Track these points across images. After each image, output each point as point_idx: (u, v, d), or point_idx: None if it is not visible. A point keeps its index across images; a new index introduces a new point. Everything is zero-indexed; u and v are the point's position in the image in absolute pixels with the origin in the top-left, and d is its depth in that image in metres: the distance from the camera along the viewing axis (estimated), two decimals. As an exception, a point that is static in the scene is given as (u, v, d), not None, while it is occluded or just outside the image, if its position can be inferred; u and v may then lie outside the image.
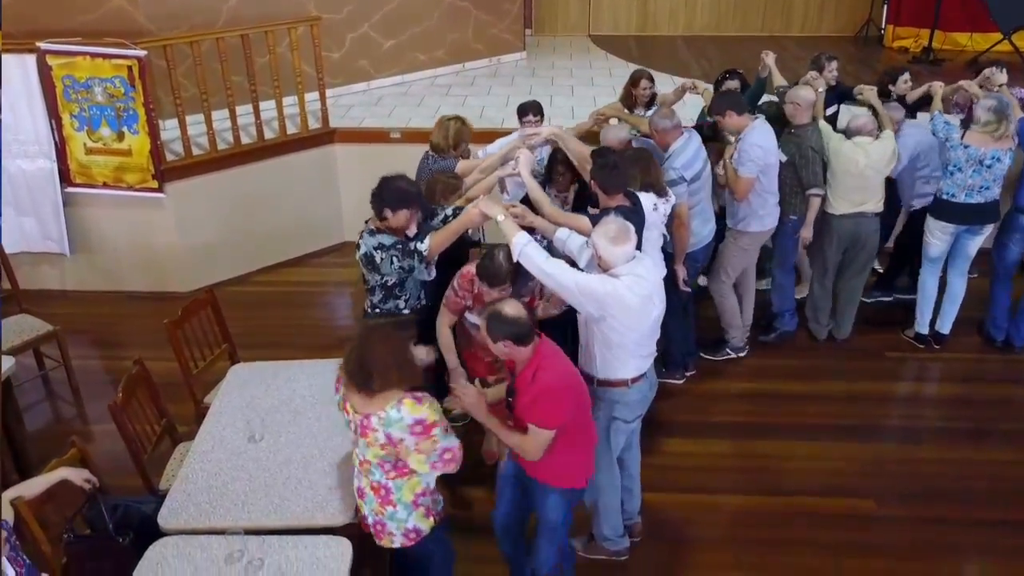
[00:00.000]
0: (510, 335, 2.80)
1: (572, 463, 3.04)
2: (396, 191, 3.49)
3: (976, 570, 3.72)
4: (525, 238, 3.24)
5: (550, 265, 3.16)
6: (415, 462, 2.68)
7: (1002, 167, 4.78)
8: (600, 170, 3.69)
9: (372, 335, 2.77)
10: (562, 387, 2.85)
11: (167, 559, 2.80)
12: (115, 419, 3.35)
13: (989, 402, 4.83)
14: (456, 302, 3.67)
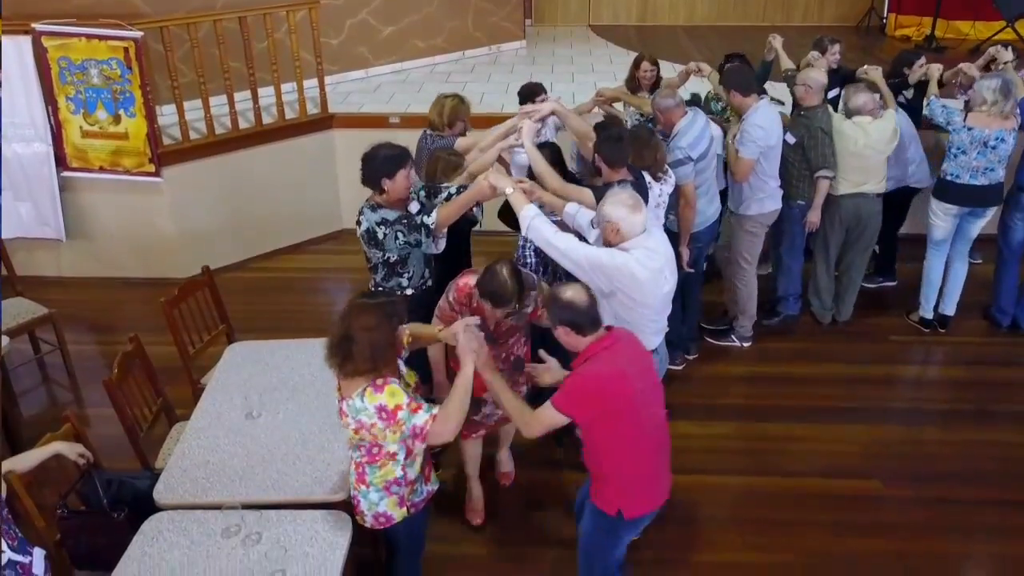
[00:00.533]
0: (567, 321, 2.64)
1: (607, 482, 2.78)
2: (386, 157, 3.43)
3: (984, 550, 3.66)
4: (533, 211, 3.20)
5: (558, 238, 3.11)
6: (391, 442, 2.63)
7: (1006, 147, 4.73)
8: (605, 143, 3.64)
9: (356, 313, 2.62)
10: (596, 386, 2.60)
11: (163, 533, 2.75)
12: (110, 396, 3.29)
13: (995, 384, 4.78)
14: (450, 317, 3.22)
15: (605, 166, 3.65)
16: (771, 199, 4.68)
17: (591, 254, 3.05)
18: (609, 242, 3.10)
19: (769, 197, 4.66)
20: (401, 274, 3.61)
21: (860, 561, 3.58)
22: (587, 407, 2.63)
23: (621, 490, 2.75)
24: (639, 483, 2.75)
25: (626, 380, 2.60)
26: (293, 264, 6.25)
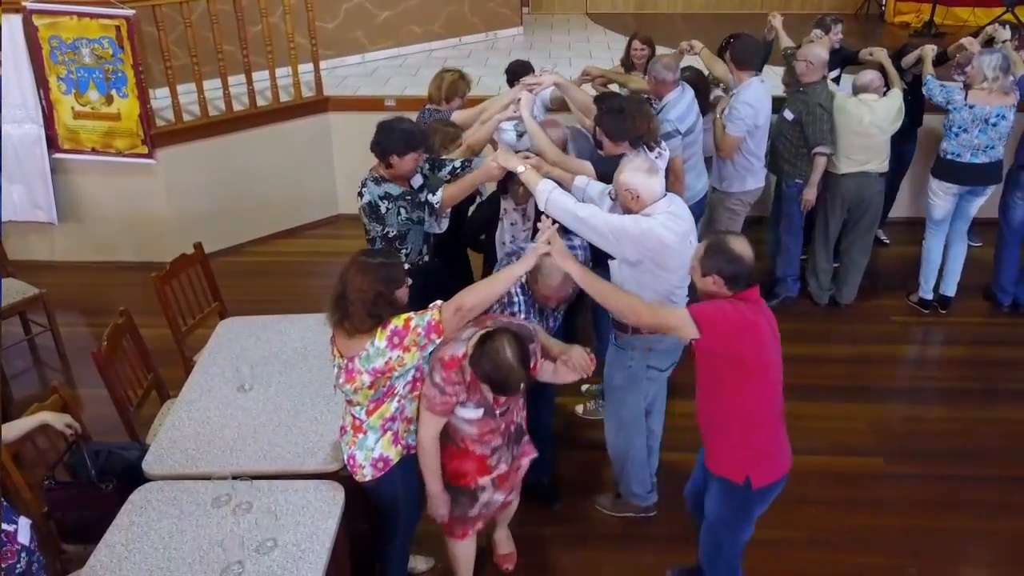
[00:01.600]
0: (728, 274, 2.52)
1: (733, 447, 2.67)
2: (403, 133, 3.36)
3: (987, 526, 3.61)
4: (550, 185, 3.13)
5: (581, 209, 3.04)
6: (411, 362, 2.57)
7: (1007, 124, 4.68)
8: (607, 115, 3.57)
9: (353, 273, 2.57)
10: (737, 318, 2.49)
11: (152, 503, 2.69)
12: (99, 368, 3.23)
13: (997, 363, 4.74)
14: (444, 403, 2.63)
15: (607, 139, 3.58)
16: (753, 177, 4.63)
17: (614, 222, 2.98)
18: (629, 210, 3.03)
19: (752, 175, 4.62)
20: (399, 249, 3.55)
21: (865, 536, 3.53)
22: (718, 331, 2.50)
23: (747, 456, 2.66)
24: (765, 448, 2.67)
25: (764, 335, 2.55)
26: (288, 248, 6.19)
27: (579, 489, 3.79)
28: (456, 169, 3.61)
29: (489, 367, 2.49)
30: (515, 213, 3.82)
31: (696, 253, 2.64)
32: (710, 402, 2.69)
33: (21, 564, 2.40)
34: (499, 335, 2.52)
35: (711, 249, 2.57)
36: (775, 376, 2.63)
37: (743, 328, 2.51)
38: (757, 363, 2.55)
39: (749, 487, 2.66)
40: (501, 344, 2.48)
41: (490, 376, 2.51)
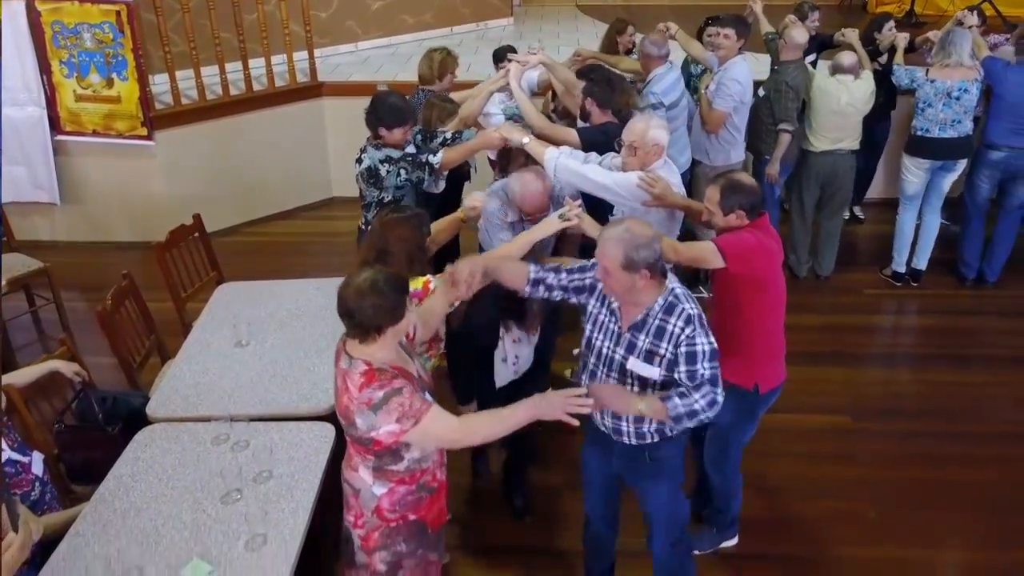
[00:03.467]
0: (746, 206, 2.80)
1: (745, 356, 2.91)
2: (392, 108, 3.54)
3: (945, 476, 3.80)
4: (556, 151, 3.31)
5: (587, 169, 3.25)
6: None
7: (970, 98, 4.88)
8: (598, 85, 3.77)
9: (391, 227, 2.80)
10: (759, 247, 2.79)
11: (156, 441, 2.87)
12: (103, 326, 3.42)
13: (965, 331, 4.94)
14: (413, 403, 2.24)
15: (596, 108, 3.77)
16: (736, 151, 4.84)
17: (619, 178, 3.21)
18: (645, 164, 3.24)
19: (735, 149, 4.82)
20: None
21: (828, 485, 3.72)
22: (743, 261, 2.79)
23: (758, 363, 2.97)
24: (774, 354, 3.01)
25: (776, 255, 2.90)
26: (284, 229, 6.37)
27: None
28: (447, 140, 3.79)
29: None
30: (513, 338, 3.36)
31: (712, 197, 2.87)
32: (728, 319, 2.93)
33: (35, 492, 2.60)
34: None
35: (728, 189, 2.82)
36: (782, 289, 2.97)
37: (761, 252, 2.82)
38: (772, 280, 2.87)
39: (757, 392, 2.98)
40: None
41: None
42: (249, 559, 2.38)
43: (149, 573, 2.31)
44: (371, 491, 2.33)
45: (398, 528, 2.34)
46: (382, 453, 2.25)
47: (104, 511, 2.57)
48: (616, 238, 2.37)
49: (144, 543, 2.41)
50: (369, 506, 2.34)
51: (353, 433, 2.26)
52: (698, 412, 2.42)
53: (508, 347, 3.27)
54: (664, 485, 2.76)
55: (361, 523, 2.38)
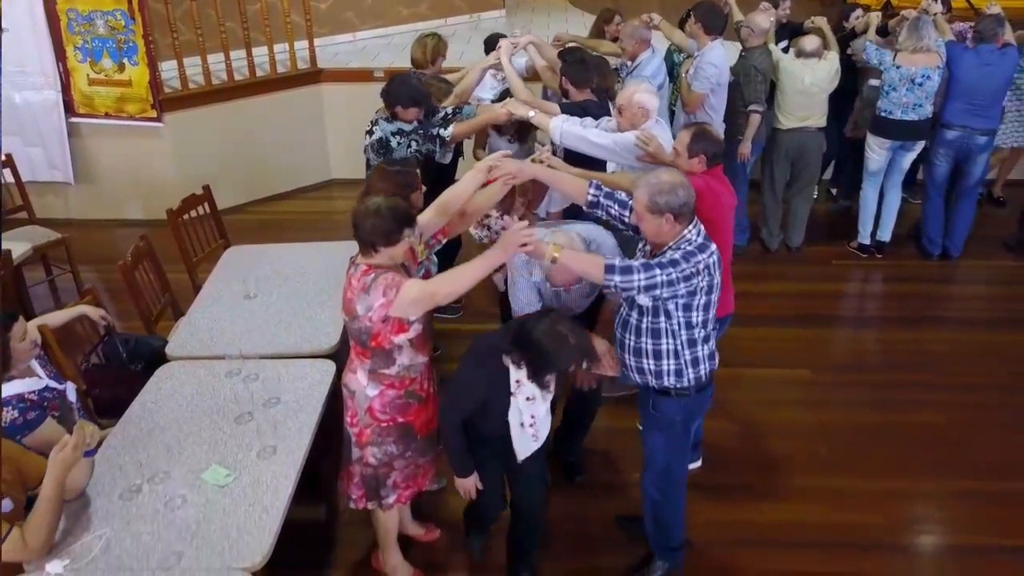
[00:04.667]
0: (709, 153, 3.10)
1: None
2: (412, 90, 3.89)
3: (893, 419, 4.12)
4: (559, 119, 3.64)
5: (589, 132, 3.60)
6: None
7: (932, 84, 5.22)
8: (570, 66, 4.12)
9: (379, 173, 3.17)
10: (708, 190, 2.98)
11: (175, 375, 3.22)
12: (124, 279, 3.76)
13: (923, 296, 5.29)
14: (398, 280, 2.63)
15: (572, 87, 4.12)
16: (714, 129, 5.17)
17: (617, 138, 3.55)
18: (635, 125, 3.58)
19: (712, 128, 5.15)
20: None
21: (784, 429, 4.07)
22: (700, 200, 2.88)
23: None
24: (725, 288, 3.10)
25: (722, 199, 3.13)
26: (285, 208, 6.70)
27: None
28: (448, 115, 4.10)
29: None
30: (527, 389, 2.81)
31: (683, 140, 3.18)
32: None
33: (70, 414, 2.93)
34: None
35: (697, 136, 3.16)
36: (729, 234, 3.27)
37: (707, 193, 3.01)
38: (718, 219, 3.03)
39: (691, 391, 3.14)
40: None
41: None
42: (261, 465, 2.72)
43: (175, 475, 2.65)
44: (365, 392, 2.69)
45: (388, 429, 2.70)
46: (377, 353, 2.61)
47: (131, 429, 2.91)
48: (645, 183, 2.67)
49: (168, 453, 2.74)
50: (363, 406, 2.70)
51: (354, 327, 2.62)
52: (612, 267, 2.60)
53: (522, 406, 2.73)
54: (660, 437, 2.98)
55: (356, 421, 2.75)
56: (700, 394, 2.91)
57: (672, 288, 2.61)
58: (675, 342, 2.76)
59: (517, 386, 2.65)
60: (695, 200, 2.70)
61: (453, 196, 3.00)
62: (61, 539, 2.41)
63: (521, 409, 2.70)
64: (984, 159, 5.49)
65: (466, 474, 2.82)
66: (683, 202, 2.63)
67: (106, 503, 2.57)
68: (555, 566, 3.30)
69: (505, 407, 2.69)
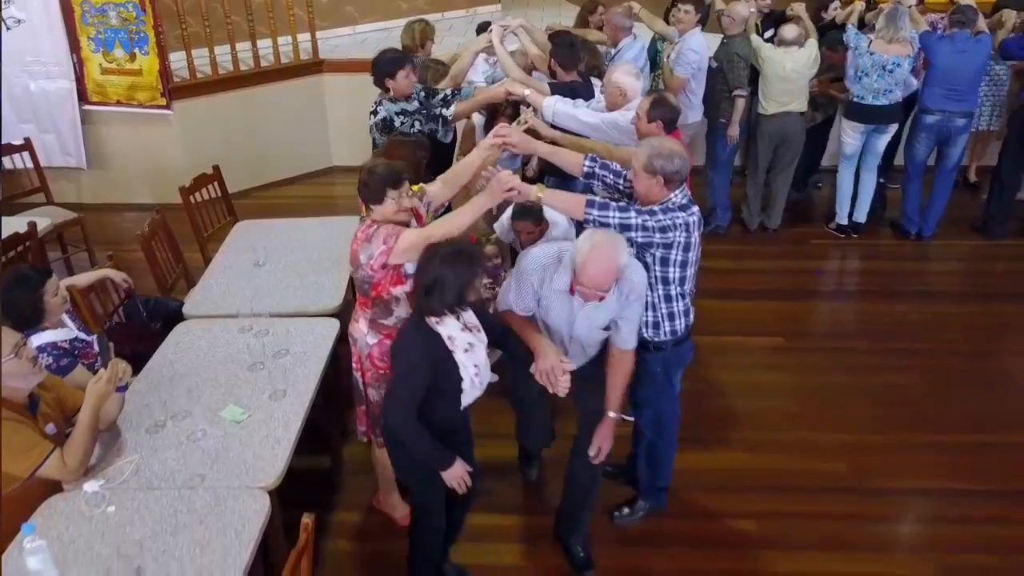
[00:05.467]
0: (666, 119, 3.35)
1: None
2: (385, 60, 4.11)
3: (862, 380, 4.41)
4: (552, 99, 3.89)
5: (579, 111, 3.86)
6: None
7: (902, 72, 5.50)
8: (559, 48, 4.40)
9: (398, 142, 3.56)
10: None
11: (192, 331, 3.49)
12: (143, 249, 4.03)
13: (898, 272, 5.58)
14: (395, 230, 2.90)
15: (560, 68, 4.40)
16: (693, 112, 5.47)
17: (606, 118, 3.82)
18: (616, 105, 3.84)
19: (692, 111, 5.44)
20: None
21: (759, 390, 4.35)
22: None
23: None
24: None
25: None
26: (288, 193, 6.97)
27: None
28: (447, 96, 4.33)
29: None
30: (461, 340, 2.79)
31: (642, 106, 3.46)
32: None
33: (98, 364, 3.21)
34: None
35: (656, 103, 3.43)
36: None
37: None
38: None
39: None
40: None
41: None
42: (273, 406, 2.99)
43: (196, 413, 2.92)
44: (366, 340, 2.98)
45: (385, 375, 2.98)
46: (377, 303, 2.89)
47: (153, 376, 3.19)
48: (648, 144, 2.88)
49: (189, 395, 3.01)
50: (364, 353, 3.00)
51: (358, 276, 2.91)
52: (592, 202, 2.82)
53: (464, 359, 2.68)
54: (646, 387, 3.20)
55: (358, 366, 3.06)
56: (676, 347, 3.17)
57: (647, 234, 2.82)
58: (652, 295, 3.01)
59: (452, 342, 2.64)
60: (687, 171, 2.94)
61: (463, 168, 3.30)
62: (95, 464, 2.69)
63: (464, 363, 2.67)
64: (963, 141, 5.78)
65: (448, 464, 2.71)
66: (676, 170, 2.85)
67: (135, 435, 2.84)
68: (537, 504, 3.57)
69: (453, 369, 2.66)
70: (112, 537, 2.41)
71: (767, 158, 5.89)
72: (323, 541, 3.35)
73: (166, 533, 2.42)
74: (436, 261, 2.60)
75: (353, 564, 3.34)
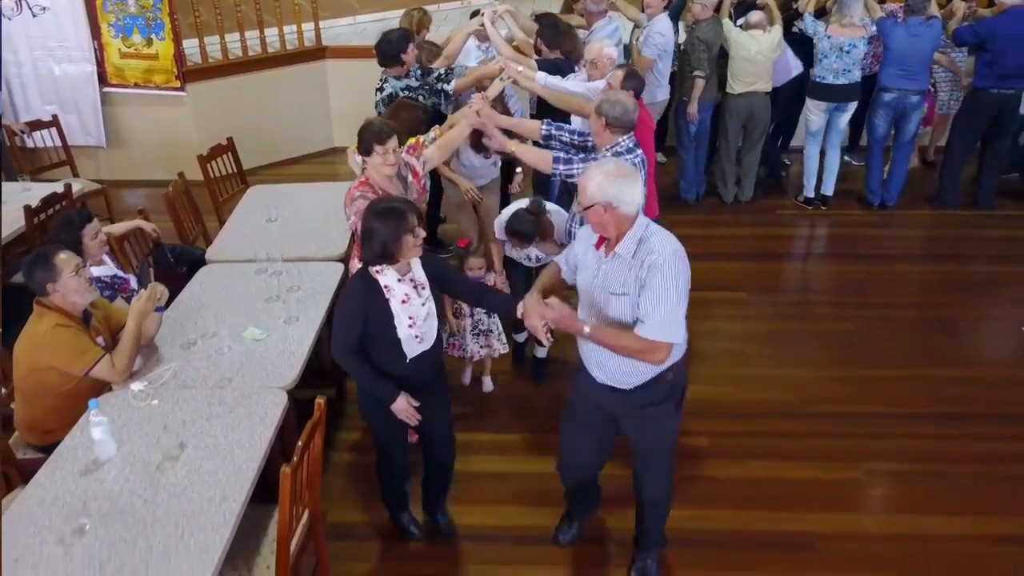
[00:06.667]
0: (637, 89, 3.84)
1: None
2: (396, 37, 4.61)
3: (820, 327, 4.89)
4: (543, 75, 4.38)
5: (567, 82, 4.35)
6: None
7: (858, 52, 5.99)
8: (545, 28, 4.90)
9: (401, 103, 4.04)
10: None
11: (214, 272, 3.98)
12: (168, 206, 4.52)
13: (858, 238, 6.05)
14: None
15: (545, 46, 4.88)
16: (661, 91, 5.96)
17: (591, 85, 4.32)
18: (606, 72, 4.30)
19: (660, 89, 5.93)
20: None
21: (719, 334, 4.84)
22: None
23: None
24: (649, 194, 3.58)
25: (644, 124, 3.77)
26: (293, 172, 7.45)
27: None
28: (441, 75, 4.80)
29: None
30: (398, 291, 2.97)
31: (616, 77, 3.95)
32: None
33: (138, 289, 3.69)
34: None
35: (628, 75, 3.95)
36: (651, 147, 3.99)
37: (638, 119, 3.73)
38: (644, 140, 3.73)
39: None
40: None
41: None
42: (287, 329, 3.48)
43: (222, 332, 3.40)
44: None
45: None
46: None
47: (183, 307, 3.67)
48: (603, 94, 3.49)
49: (216, 319, 3.50)
50: None
51: (349, 223, 3.45)
52: (558, 159, 3.41)
53: (398, 309, 2.86)
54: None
55: None
56: None
57: None
58: None
59: (388, 291, 2.83)
60: (629, 120, 3.45)
61: (454, 135, 3.83)
62: (138, 371, 3.17)
63: (398, 313, 2.83)
64: (917, 117, 6.25)
65: (393, 398, 2.89)
66: (617, 116, 3.39)
67: (170, 350, 3.33)
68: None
69: (388, 317, 2.83)
70: (158, 421, 2.89)
71: (738, 134, 6.37)
72: (328, 453, 3.83)
73: (202, 419, 2.91)
74: (371, 214, 2.80)
75: (355, 472, 3.83)
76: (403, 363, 2.92)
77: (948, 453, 3.85)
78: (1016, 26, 5.88)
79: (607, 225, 2.61)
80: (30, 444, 3.15)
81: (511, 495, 3.69)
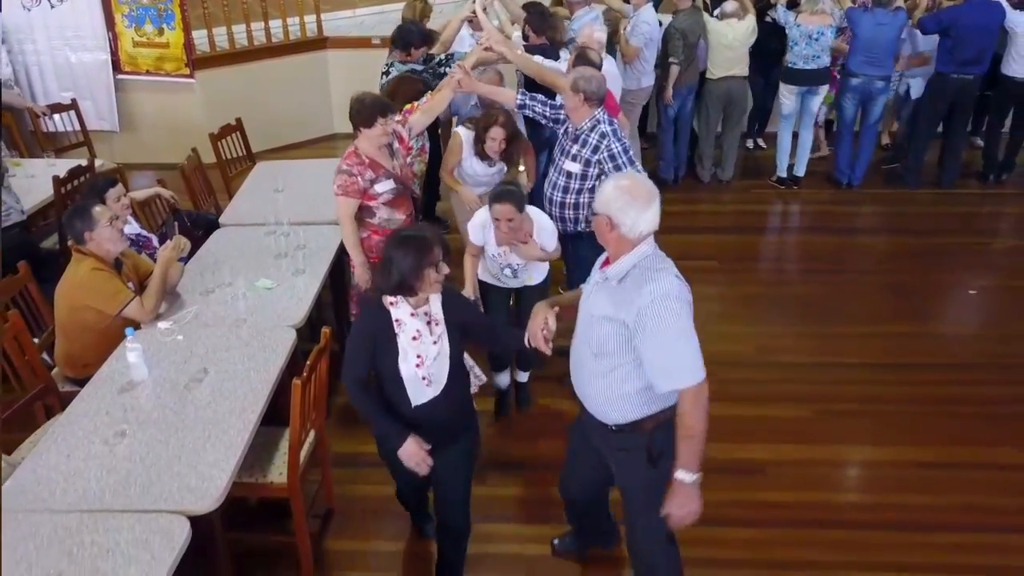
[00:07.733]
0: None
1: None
2: (421, 32, 5.09)
3: (786, 291, 5.31)
4: (539, 57, 4.77)
5: (549, 62, 4.75)
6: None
7: (826, 39, 6.40)
8: (533, 15, 5.30)
9: (401, 77, 4.47)
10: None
11: (227, 235, 4.39)
12: (185, 180, 4.93)
13: (825, 214, 6.49)
14: (352, 183, 3.77)
15: (532, 32, 5.29)
16: (647, 78, 6.34)
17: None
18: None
19: (645, 76, 6.32)
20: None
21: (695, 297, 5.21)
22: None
23: None
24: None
25: (609, 99, 4.13)
26: (294, 156, 7.76)
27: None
28: (443, 60, 5.19)
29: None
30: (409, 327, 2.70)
31: (571, 59, 4.41)
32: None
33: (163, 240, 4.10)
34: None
35: (579, 57, 4.39)
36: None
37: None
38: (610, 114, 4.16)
39: None
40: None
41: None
42: (295, 279, 3.90)
43: (237, 282, 3.79)
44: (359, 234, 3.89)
45: (374, 265, 3.86)
46: (361, 207, 3.83)
47: (201, 263, 4.08)
48: (577, 71, 3.88)
49: (230, 271, 3.89)
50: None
51: None
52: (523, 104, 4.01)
53: (407, 346, 2.64)
54: (575, 267, 4.20)
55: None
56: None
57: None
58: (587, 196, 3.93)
59: (399, 325, 2.61)
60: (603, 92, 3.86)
61: (438, 101, 4.23)
62: (164, 312, 3.58)
63: (406, 349, 2.61)
64: (882, 101, 6.66)
65: (400, 441, 2.64)
66: (593, 90, 3.78)
67: (191, 297, 3.74)
68: None
69: (394, 353, 2.62)
70: (183, 351, 3.30)
71: (717, 118, 6.78)
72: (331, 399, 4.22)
73: (222, 350, 3.32)
74: (393, 242, 2.58)
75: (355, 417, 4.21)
76: (408, 409, 2.66)
77: (892, 396, 4.28)
78: (977, 16, 6.30)
79: (607, 240, 2.53)
80: (68, 377, 3.55)
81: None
